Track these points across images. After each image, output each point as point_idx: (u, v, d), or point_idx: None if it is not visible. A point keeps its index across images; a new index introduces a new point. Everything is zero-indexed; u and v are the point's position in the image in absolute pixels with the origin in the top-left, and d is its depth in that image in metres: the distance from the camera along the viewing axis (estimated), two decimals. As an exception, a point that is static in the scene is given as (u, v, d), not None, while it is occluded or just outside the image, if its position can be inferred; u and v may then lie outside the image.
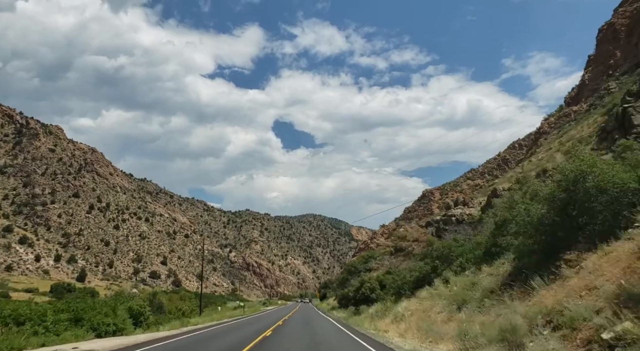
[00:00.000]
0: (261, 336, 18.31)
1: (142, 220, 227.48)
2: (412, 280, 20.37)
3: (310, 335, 18.45)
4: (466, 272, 15.07)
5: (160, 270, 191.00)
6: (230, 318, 37.00)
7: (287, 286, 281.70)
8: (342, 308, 37.18)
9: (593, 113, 47.35)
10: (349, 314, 30.73)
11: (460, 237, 20.27)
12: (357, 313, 28.99)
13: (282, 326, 24.86)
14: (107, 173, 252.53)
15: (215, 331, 22.95)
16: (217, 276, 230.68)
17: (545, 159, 41.24)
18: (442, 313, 13.50)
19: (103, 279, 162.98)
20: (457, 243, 18.97)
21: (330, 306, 53.12)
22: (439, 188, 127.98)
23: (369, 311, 25.81)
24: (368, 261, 43.29)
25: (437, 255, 19.06)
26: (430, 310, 14.51)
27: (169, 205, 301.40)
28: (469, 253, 16.13)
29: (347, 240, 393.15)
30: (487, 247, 14.41)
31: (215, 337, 19.37)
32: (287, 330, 21.86)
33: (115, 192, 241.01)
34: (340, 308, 38.88)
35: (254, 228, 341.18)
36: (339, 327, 22.80)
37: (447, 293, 14.47)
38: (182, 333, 21.25)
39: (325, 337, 17.55)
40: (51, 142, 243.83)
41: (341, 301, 39.67)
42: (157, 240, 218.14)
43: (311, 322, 28.95)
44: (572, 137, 42.06)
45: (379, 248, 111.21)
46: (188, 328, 25.30)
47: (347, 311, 33.03)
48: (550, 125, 58.76)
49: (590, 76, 56.79)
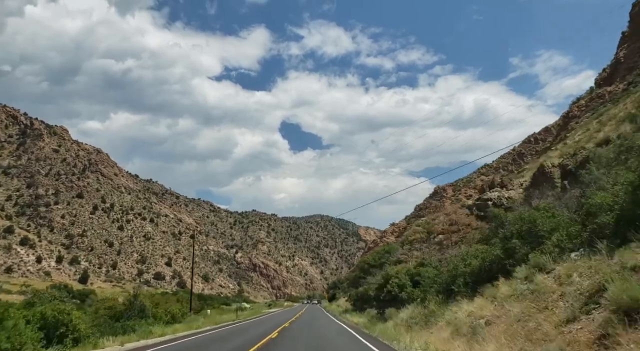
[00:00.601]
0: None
1: (146, 220, 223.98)
2: (473, 272, 14.35)
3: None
4: (572, 255, 9.80)
5: (164, 271, 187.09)
6: (216, 324, 30.84)
7: (295, 287, 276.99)
8: (357, 311, 31.70)
9: (633, 91, 42.33)
10: (370, 319, 24.03)
11: (547, 203, 13.75)
12: (381, 318, 22.56)
13: (278, 339, 18.61)
14: (112, 174, 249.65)
15: (175, 348, 16.69)
16: (223, 277, 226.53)
17: (585, 140, 36.33)
18: (566, 324, 7.74)
19: (106, 280, 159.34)
20: (547, 213, 12.37)
21: (341, 308, 47.72)
22: (451, 185, 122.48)
23: (399, 316, 19.44)
24: (384, 256, 37.73)
25: (514, 232, 12.64)
26: (528, 317, 9.15)
27: (175, 206, 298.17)
28: (568, 226, 10.75)
29: (355, 240, 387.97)
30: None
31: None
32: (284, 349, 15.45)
33: (119, 193, 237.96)
34: (354, 311, 33.16)
35: (260, 228, 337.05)
36: (365, 344, 15.77)
37: (554, 287, 8.93)
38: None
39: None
40: (55, 142, 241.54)
41: (356, 302, 34.34)
42: (162, 241, 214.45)
43: (322, 333, 21.41)
44: (614, 116, 37.16)
45: (404, 236, 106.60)
46: (142, 342, 18.61)
47: (365, 316, 26.62)
48: (580, 108, 53.50)
49: (625, 53, 51.44)
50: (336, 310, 50.27)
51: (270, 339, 18.61)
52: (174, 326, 25.29)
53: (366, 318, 25.31)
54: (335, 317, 37.38)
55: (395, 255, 34.66)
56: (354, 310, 34.35)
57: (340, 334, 20.78)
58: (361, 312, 29.55)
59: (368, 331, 20.60)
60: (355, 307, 35.49)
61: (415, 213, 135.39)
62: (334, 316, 40.45)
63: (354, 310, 34.72)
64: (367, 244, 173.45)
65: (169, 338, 20.36)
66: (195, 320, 31.43)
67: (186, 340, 19.37)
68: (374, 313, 25.06)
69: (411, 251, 32.30)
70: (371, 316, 24.74)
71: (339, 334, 20.78)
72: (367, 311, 26.97)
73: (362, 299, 30.69)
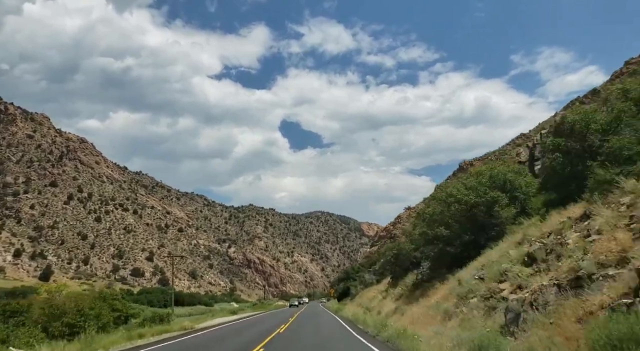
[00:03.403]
0: None
1: (129, 212, 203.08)
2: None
3: None
4: None
5: (144, 267, 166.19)
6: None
7: (294, 285, 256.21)
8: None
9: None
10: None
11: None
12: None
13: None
14: (93, 162, 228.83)
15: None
16: (213, 274, 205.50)
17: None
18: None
19: (74, 277, 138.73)
20: None
21: (388, 318, 22.67)
22: (480, 159, 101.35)
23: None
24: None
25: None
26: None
27: (166, 199, 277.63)
28: None
29: (358, 235, 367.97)
30: None
31: None
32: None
33: (100, 182, 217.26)
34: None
35: (257, 223, 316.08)
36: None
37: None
38: None
39: None
40: (30, 128, 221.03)
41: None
42: (144, 234, 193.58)
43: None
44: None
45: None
46: None
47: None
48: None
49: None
50: (369, 322, 22.28)
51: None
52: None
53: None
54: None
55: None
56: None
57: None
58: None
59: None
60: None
61: (437, 194, 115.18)
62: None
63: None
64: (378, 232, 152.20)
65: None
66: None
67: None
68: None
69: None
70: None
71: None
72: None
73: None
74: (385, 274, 44.84)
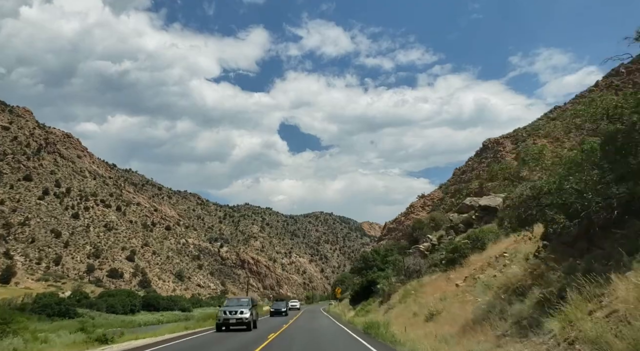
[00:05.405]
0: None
1: (111, 208, 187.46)
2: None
3: None
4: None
5: (123, 267, 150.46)
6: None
7: (291, 287, 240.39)
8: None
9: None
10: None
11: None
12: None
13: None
14: (74, 156, 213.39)
15: None
16: (202, 275, 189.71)
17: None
18: None
19: (40, 279, 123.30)
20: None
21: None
22: (508, 136, 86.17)
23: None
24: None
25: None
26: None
27: (156, 197, 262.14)
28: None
29: (359, 235, 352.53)
30: None
31: None
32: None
33: (82, 177, 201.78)
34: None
35: (254, 223, 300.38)
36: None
37: None
38: None
39: None
40: (6, 119, 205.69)
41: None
42: (127, 232, 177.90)
43: None
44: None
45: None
46: None
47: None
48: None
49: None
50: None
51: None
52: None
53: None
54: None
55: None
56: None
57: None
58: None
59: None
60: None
61: (457, 178, 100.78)
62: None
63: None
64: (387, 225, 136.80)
65: None
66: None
67: None
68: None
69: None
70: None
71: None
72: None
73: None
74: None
